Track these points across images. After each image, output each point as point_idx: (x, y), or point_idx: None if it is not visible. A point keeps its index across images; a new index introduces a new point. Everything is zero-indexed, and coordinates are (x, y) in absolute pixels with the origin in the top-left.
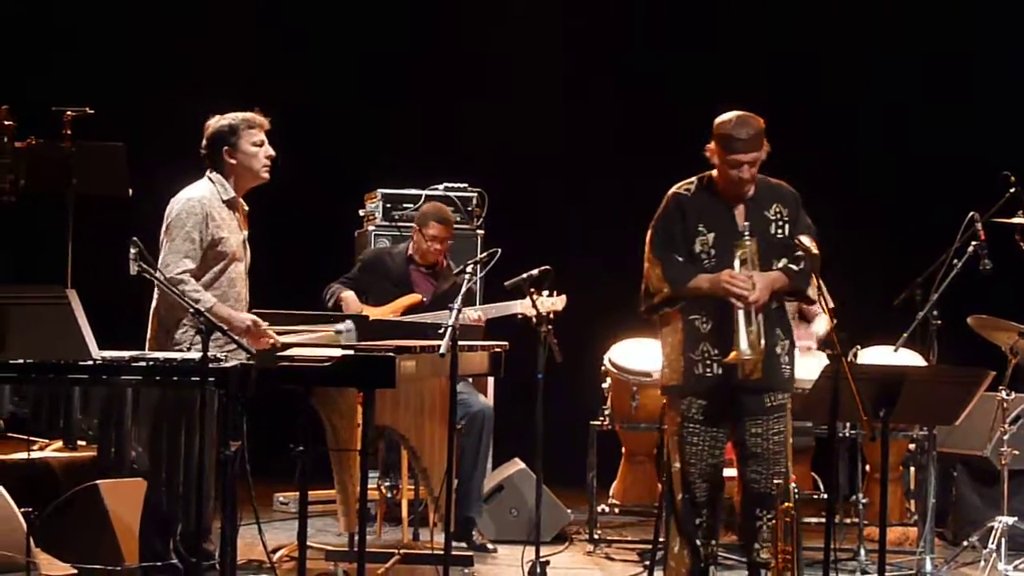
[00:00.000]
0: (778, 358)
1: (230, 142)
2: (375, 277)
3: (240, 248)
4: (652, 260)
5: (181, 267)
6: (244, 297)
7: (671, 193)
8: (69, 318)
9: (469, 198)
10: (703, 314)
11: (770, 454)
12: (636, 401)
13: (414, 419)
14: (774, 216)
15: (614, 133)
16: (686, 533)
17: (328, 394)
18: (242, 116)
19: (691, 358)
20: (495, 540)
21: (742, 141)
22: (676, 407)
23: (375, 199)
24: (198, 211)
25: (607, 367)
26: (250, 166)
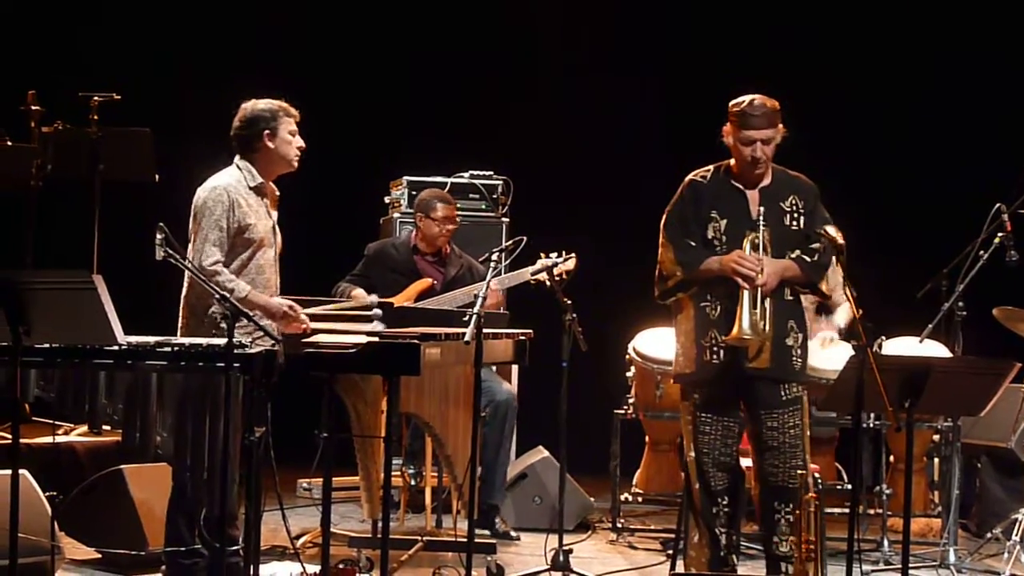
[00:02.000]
0: (789, 349)
1: (271, 126)
2: (381, 270)
3: (269, 234)
4: (666, 244)
5: (212, 257)
6: (274, 283)
7: (687, 179)
8: (95, 303)
9: (495, 186)
10: (713, 300)
11: (787, 447)
12: (660, 390)
13: (438, 406)
14: (790, 207)
15: (639, 120)
16: (705, 522)
17: (352, 381)
18: (279, 104)
19: (701, 344)
20: (518, 528)
21: (756, 117)
22: (689, 396)
23: (400, 186)
24: (224, 199)
25: (631, 356)
26: (285, 153)
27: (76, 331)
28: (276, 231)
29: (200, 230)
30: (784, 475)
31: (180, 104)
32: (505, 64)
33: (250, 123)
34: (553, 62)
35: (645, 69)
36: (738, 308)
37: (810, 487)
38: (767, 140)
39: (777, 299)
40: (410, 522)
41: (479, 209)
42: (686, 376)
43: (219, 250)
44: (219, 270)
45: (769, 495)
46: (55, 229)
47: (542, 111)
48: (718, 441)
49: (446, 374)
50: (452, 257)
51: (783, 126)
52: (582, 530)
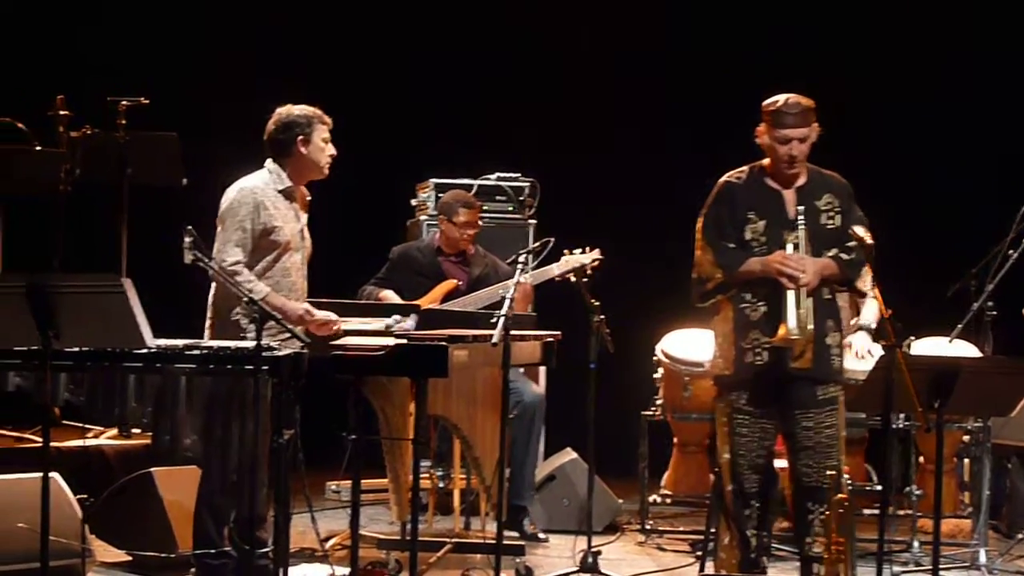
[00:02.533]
0: (828, 348)
1: (305, 132)
2: (406, 273)
3: (296, 237)
4: (703, 247)
5: (233, 257)
6: (300, 287)
7: (722, 181)
8: (124, 307)
9: (521, 188)
10: (753, 301)
11: (822, 447)
12: (688, 391)
13: (466, 408)
14: (825, 206)
15: (665, 123)
16: (736, 524)
17: (381, 383)
18: (313, 110)
19: (742, 347)
20: (546, 529)
21: (791, 116)
22: (726, 398)
23: (427, 188)
24: (250, 200)
25: (659, 357)
26: (317, 160)
27: (105, 334)
28: (304, 235)
29: (224, 230)
30: (818, 475)
31: (207, 108)
32: (533, 65)
33: (285, 128)
34: (580, 62)
35: (672, 69)
36: (783, 309)
37: (840, 488)
38: (803, 138)
39: (817, 298)
40: (439, 524)
41: (506, 211)
42: (725, 378)
43: (241, 251)
44: (239, 270)
45: (802, 496)
46: (84, 233)
47: (569, 112)
48: (754, 443)
49: (474, 376)
50: (476, 257)
51: (817, 124)
52: (610, 532)
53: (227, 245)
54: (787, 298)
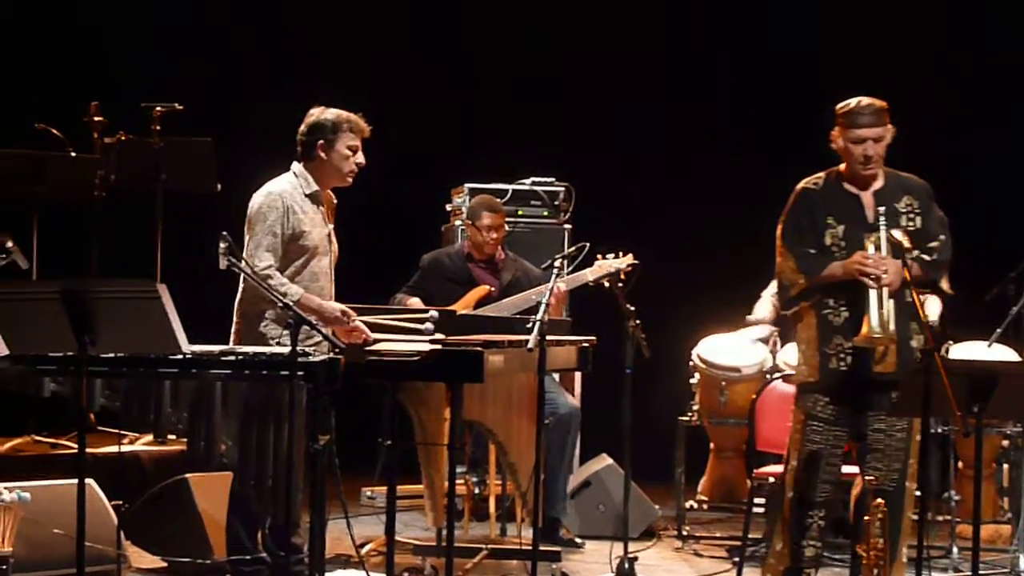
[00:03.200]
0: (912, 352)
1: (327, 138)
2: (437, 280)
3: (324, 242)
4: (785, 254)
5: (265, 262)
6: (328, 292)
7: (799, 188)
8: (160, 312)
9: (556, 192)
10: (836, 307)
11: (892, 450)
12: (724, 396)
13: (502, 414)
14: (905, 208)
15: (704, 127)
16: (792, 533)
17: (416, 388)
18: (346, 116)
19: (825, 352)
20: (582, 535)
21: (865, 116)
22: (803, 404)
23: (462, 193)
24: (278, 205)
25: (695, 362)
26: (338, 167)
27: (141, 340)
28: (332, 239)
29: (253, 235)
30: (885, 478)
31: (241, 112)
32: (568, 69)
33: (310, 130)
34: (616, 67)
35: (711, 75)
36: (866, 310)
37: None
38: (878, 138)
39: (899, 301)
40: (474, 530)
41: (541, 216)
42: (810, 385)
43: (272, 255)
44: (272, 274)
45: (866, 498)
46: (118, 239)
47: (605, 117)
48: (826, 451)
49: (509, 381)
50: (507, 263)
51: (891, 126)
52: (647, 538)
53: (258, 250)
54: (869, 298)
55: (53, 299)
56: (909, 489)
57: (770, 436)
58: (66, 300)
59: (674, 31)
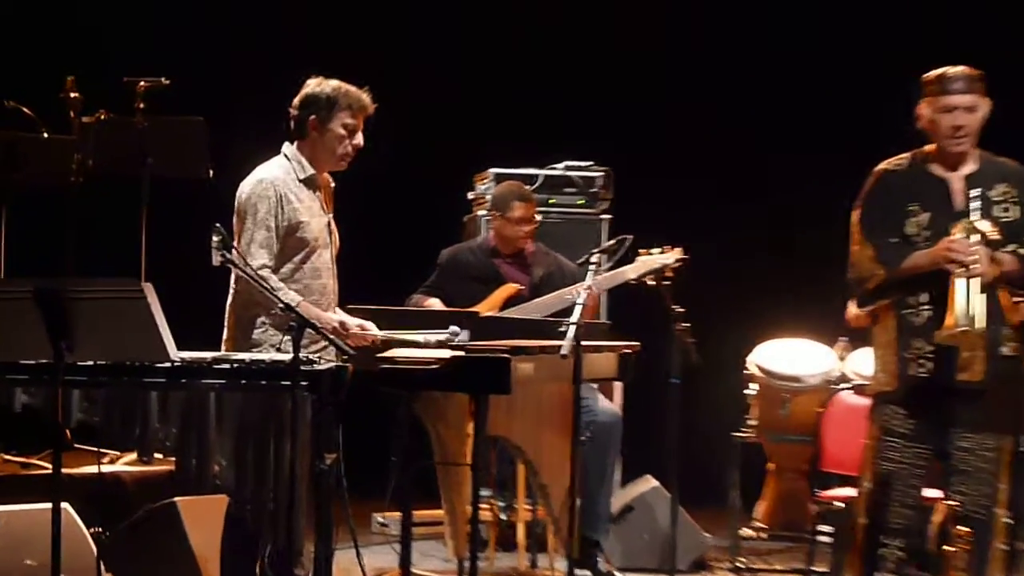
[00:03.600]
0: (1003, 359)
1: (320, 114)
2: (458, 279)
3: (323, 233)
4: (861, 243)
5: (259, 260)
6: (331, 289)
7: (879, 169)
8: (145, 315)
9: (593, 178)
10: (917, 305)
11: (980, 472)
12: (785, 409)
13: (532, 429)
14: (1000, 196)
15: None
16: (865, 564)
17: (434, 400)
18: (346, 90)
19: (904, 357)
20: (623, 568)
21: (956, 82)
22: (878, 417)
23: (486, 180)
24: (271, 194)
25: (751, 371)
26: (331, 149)
27: (124, 346)
28: (332, 230)
29: (245, 230)
30: (971, 503)
31: (239, 88)
32: (604, 38)
33: (303, 104)
34: (660, 35)
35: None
36: (949, 300)
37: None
38: (971, 108)
39: (991, 302)
40: (501, 561)
41: (576, 204)
42: (886, 395)
43: (267, 252)
44: (264, 275)
45: (952, 526)
46: (98, 231)
47: (649, 91)
48: (904, 471)
49: (540, 392)
50: (538, 257)
51: (988, 99)
52: (696, 570)
53: (251, 247)
54: (955, 286)
55: (25, 300)
56: (998, 516)
57: (838, 454)
58: (39, 301)
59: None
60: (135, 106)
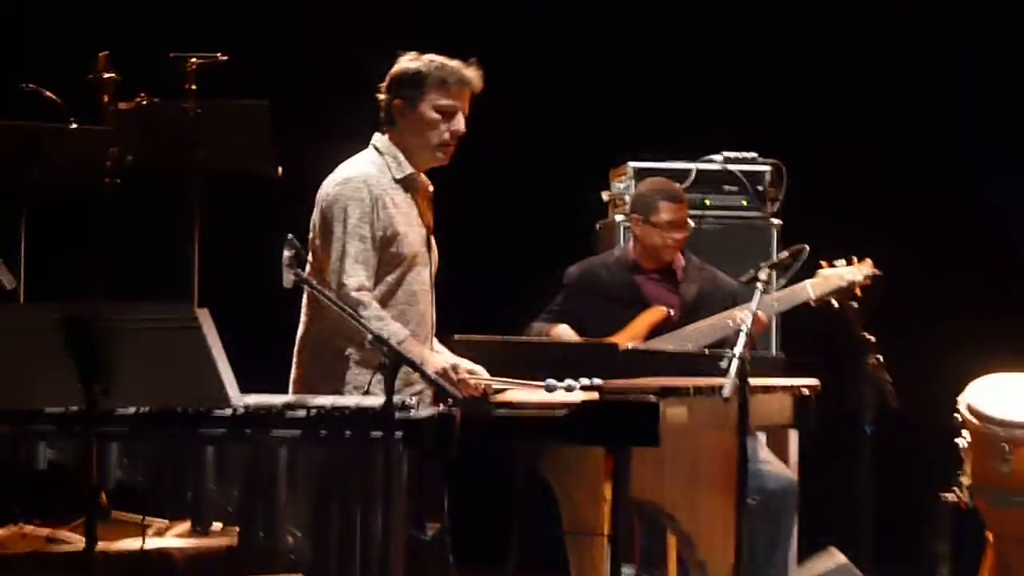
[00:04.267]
0: None
1: (407, 95)
2: (591, 300)
3: (423, 247)
4: None
5: (354, 279)
6: (429, 318)
7: None
8: (200, 349)
9: (759, 173)
10: None
11: None
12: (1008, 464)
13: (685, 491)
14: None
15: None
16: None
17: (562, 455)
18: (440, 64)
19: None
20: None
21: None
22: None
23: (624, 176)
24: (363, 196)
25: (964, 415)
26: (423, 138)
27: (174, 389)
28: (432, 244)
29: (332, 241)
30: None
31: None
32: (771, 8)
33: (391, 85)
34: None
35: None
36: None
37: None
38: None
39: None
40: None
41: (737, 207)
42: None
43: (364, 269)
44: (364, 300)
45: None
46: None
47: (829, 68)
48: None
49: (696, 444)
50: (690, 272)
51: None
52: None
53: (343, 263)
54: None
55: (49, 330)
56: None
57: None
58: (68, 332)
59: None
60: (184, 88)
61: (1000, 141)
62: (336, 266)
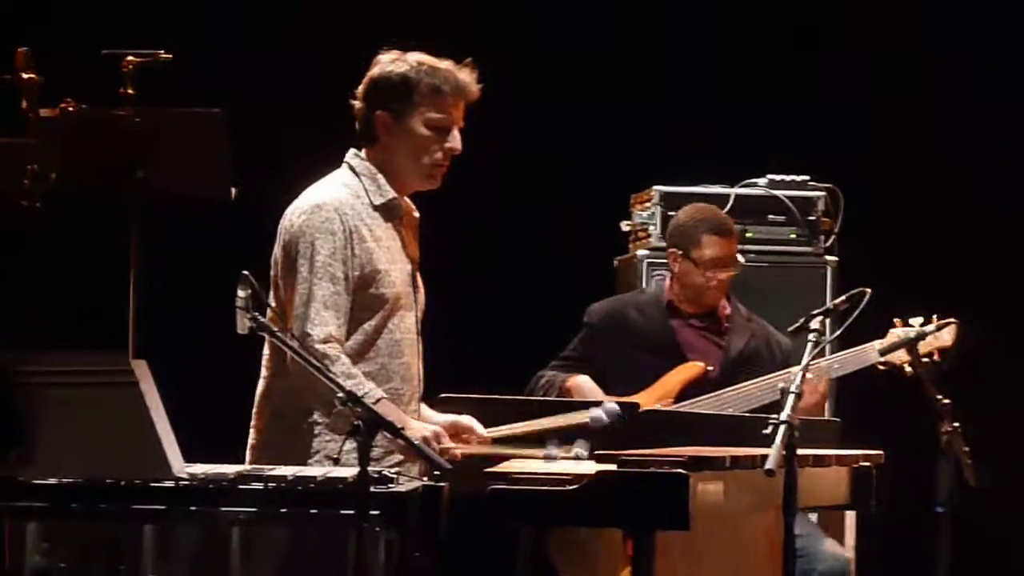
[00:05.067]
0: None
1: (393, 106)
2: (617, 347)
3: (407, 287)
4: None
5: (321, 330)
6: (416, 372)
7: None
8: (136, 408)
9: (812, 200)
10: None
11: None
12: None
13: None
14: None
15: None
16: None
17: (573, 538)
18: (431, 67)
19: None
20: None
21: None
22: None
23: (649, 203)
24: (336, 228)
25: None
26: (412, 158)
27: (104, 456)
28: (418, 282)
29: (298, 282)
30: None
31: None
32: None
33: (368, 92)
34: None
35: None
36: None
37: None
38: None
39: None
40: None
41: (784, 240)
42: None
43: (333, 315)
44: (331, 353)
45: None
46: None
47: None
48: None
49: (735, 527)
50: (736, 321)
51: None
52: None
53: (310, 308)
54: None
55: None
56: None
57: None
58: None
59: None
60: (121, 92)
61: None
62: (300, 312)
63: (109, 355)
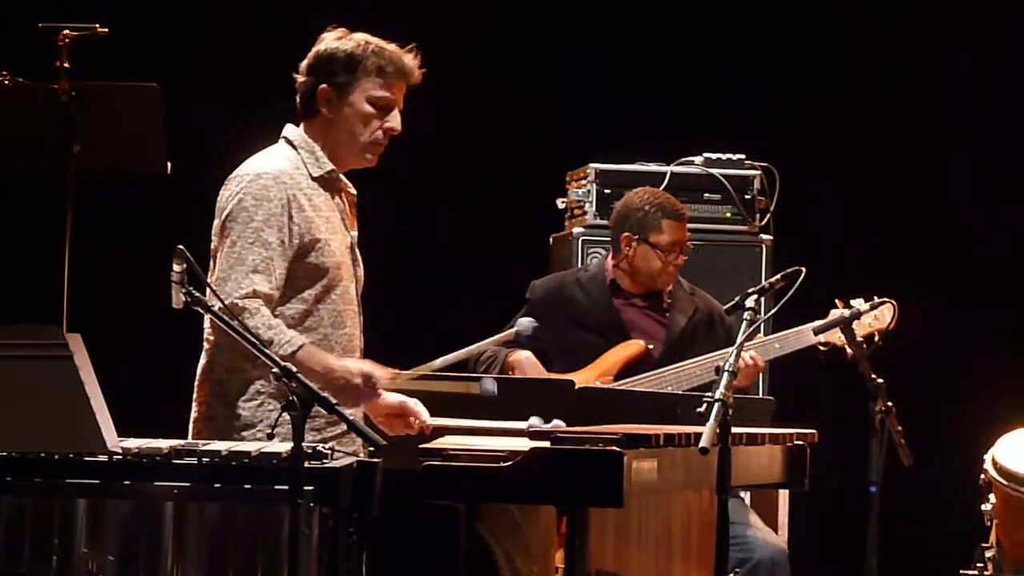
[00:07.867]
0: None
1: (336, 81)
2: (558, 324)
3: (346, 258)
4: None
5: (244, 287)
6: (357, 343)
7: None
8: (70, 382)
9: (747, 179)
10: None
11: None
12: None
13: (654, 561)
14: None
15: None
16: None
17: (505, 516)
18: (376, 47)
19: None
20: None
21: None
22: None
23: (584, 180)
24: (273, 195)
25: (990, 474)
26: (352, 132)
27: (37, 430)
28: (356, 254)
29: (231, 247)
30: None
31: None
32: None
33: (313, 68)
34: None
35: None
36: None
37: None
38: None
39: None
40: None
41: (719, 219)
42: None
43: (261, 278)
44: (250, 307)
45: None
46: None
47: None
48: None
49: (669, 505)
50: (679, 298)
51: None
52: None
53: (236, 271)
54: None
55: None
56: None
57: None
58: None
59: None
60: (56, 66)
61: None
62: (225, 272)
63: (43, 328)
